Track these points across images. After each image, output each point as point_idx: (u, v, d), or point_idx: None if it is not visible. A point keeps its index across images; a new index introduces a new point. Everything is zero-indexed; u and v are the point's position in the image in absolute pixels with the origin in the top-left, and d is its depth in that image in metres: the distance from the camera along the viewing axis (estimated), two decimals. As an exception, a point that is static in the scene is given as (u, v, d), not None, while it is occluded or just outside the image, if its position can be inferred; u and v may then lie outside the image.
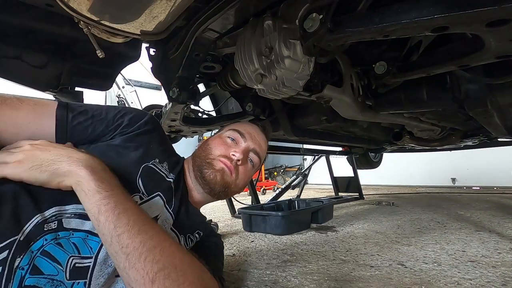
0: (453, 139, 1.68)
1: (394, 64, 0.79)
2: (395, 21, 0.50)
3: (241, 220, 1.84)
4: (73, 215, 0.48)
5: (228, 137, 0.74)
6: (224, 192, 0.70)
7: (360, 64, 0.90)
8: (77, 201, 0.49)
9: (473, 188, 4.57)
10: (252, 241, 1.48)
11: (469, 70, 0.83)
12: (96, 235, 0.48)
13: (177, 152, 0.78)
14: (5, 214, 0.43)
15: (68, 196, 0.49)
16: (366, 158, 3.29)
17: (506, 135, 1.32)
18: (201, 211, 0.76)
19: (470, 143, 1.99)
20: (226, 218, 2.25)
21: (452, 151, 2.74)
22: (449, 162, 4.91)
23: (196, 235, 0.68)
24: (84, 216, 0.48)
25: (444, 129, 1.58)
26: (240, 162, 0.70)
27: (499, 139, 1.96)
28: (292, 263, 1.10)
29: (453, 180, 5.04)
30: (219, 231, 1.78)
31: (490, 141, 1.96)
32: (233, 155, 0.69)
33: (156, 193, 0.60)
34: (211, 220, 1.87)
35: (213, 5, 0.67)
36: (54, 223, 0.46)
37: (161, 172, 0.64)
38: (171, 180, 0.65)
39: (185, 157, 0.79)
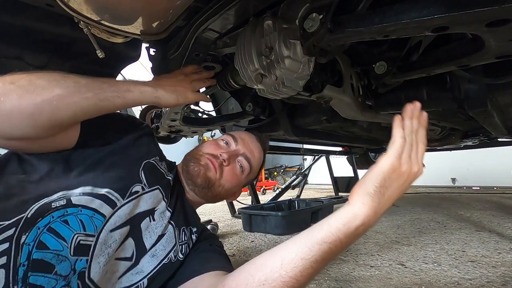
0: (453, 139, 1.68)
1: (394, 64, 0.79)
2: (395, 21, 0.50)
3: (241, 220, 1.84)
4: (81, 194, 0.50)
5: (222, 139, 0.79)
6: (207, 188, 0.72)
7: (360, 64, 0.90)
8: (85, 184, 0.52)
9: (473, 188, 4.57)
10: (252, 241, 1.48)
11: (469, 70, 0.83)
12: (101, 214, 0.50)
13: (176, 152, 0.81)
14: (13, 199, 0.46)
15: (74, 183, 0.52)
16: (366, 158, 3.29)
17: (506, 135, 1.32)
18: (201, 210, 0.78)
19: (470, 143, 1.99)
20: (226, 218, 2.25)
21: (452, 151, 2.74)
22: (449, 162, 4.90)
23: (189, 229, 0.69)
24: (93, 195, 0.51)
25: (444, 129, 1.58)
26: (226, 162, 0.73)
27: (499, 139, 1.95)
28: (292, 263, 1.10)
29: (453, 180, 5.04)
30: (219, 231, 1.78)
31: (490, 141, 1.95)
32: (220, 154, 0.73)
33: (156, 187, 0.63)
34: (211, 220, 1.87)
35: (213, 5, 0.67)
36: (63, 201, 0.48)
37: (161, 169, 0.68)
38: (170, 178, 0.69)
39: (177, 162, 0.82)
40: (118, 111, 0.75)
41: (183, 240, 0.65)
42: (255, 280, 0.47)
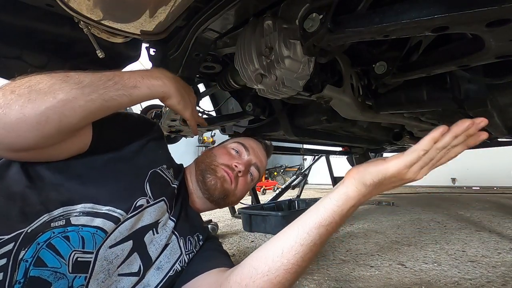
0: (453, 139, 1.68)
1: (394, 64, 0.79)
2: (395, 21, 0.50)
3: (241, 220, 1.84)
4: (81, 214, 0.49)
5: (233, 148, 0.79)
6: (222, 199, 0.73)
7: (360, 64, 0.90)
8: (86, 201, 0.50)
9: (473, 188, 4.57)
10: (252, 241, 1.48)
11: (469, 70, 0.83)
12: (103, 230, 0.49)
13: (176, 153, 0.80)
14: (13, 211, 0.44)
15: (76, 196, 0.50)
16: (366, 158, 3.29)
17: (506, 135, 1.31)
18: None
19: (470, 143, 1.99)
20: (226, 218, 2.26)
21: (452, 151, 2.73)
22: (449, 162, 4.87)
23: (196, 237, 0.68)
24: (93, 214, 0.49)
25: (444, 129, 1.58)
26: (241, 173, 0.74)
27: (499, 139, 1.95)
28: (292, 263, 1.10)
29: (453, 180, 5.03)
30: (219, 231, 1.78)
31: (490, 141, 1.95)
32: (236, 166, 0.73)
33: (161, 198, 0.61)
34: (211, 220, 1.87)
35: (213, 5, 0.67)
36: (62, 221, 0.47)
37: (167, 178, 0.66)
38: (175, 186, 0.67)
39: (184, 165, 0.81)
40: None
41: (189, 249, 0.64)
42: (258, 273, 0.48)
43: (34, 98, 0.43)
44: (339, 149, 3.03)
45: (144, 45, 1.01)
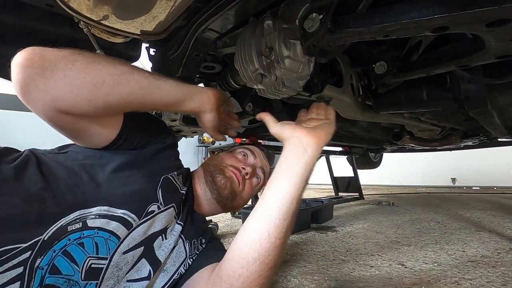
0: (453, 139, 1.68)
1: (394, 64, 0.79)
2: (395, 21, 0.50)
3: (241, 220, 1.84)
4: (97, 216, 0.49)
5: (239, 152, 0.81)
6: (230, 200, 0.74)
7: (360, 64, 0.90)
8: (101, 204, 0.50)
9: (473, 188, 4.57)
10: (252, 241, 1.48)
11: (469, 70, 0.83)
12: (117, 236, 0.49)
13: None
14: (31, 216, 0.44)
15: (92, 198, 0.50)
16: (366, 158, 3.29)
17: (506, 135, 1.31)
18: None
19: (470, 143, 1.99)
20: (226, 218, 2.26)
21: (452, 151, 2.74)
22: (449, 162, 4.91)
23: (199, 240, 0.69)
24: (109, 217, 0.50)
25: (444, 129, 1.58)
26: (248, 176, 0.76)
27: (499, 139, 1.95)
28: (292, 263, 1.10)
29: (453, 180, 5.04)
30: (219, 231, 1.78)
31: (490, 141, 1.95)
32: (243, 168, 0.76)
33: (171, 204, 0.62)
34: (211, 220, 1.87)
35: (213, 5, 0.67)
36: (79, 224, 0.47)
37: (176, 184, 0.67)
38: (184, 192, 0.68)
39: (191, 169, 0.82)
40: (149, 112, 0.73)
41: (194, 253, 0.65)
42: (249, 260, 0.49)
43: (97, 61, 0.49)
44: (339, 149, 3.03)
45: (144, 45, 1.02)
